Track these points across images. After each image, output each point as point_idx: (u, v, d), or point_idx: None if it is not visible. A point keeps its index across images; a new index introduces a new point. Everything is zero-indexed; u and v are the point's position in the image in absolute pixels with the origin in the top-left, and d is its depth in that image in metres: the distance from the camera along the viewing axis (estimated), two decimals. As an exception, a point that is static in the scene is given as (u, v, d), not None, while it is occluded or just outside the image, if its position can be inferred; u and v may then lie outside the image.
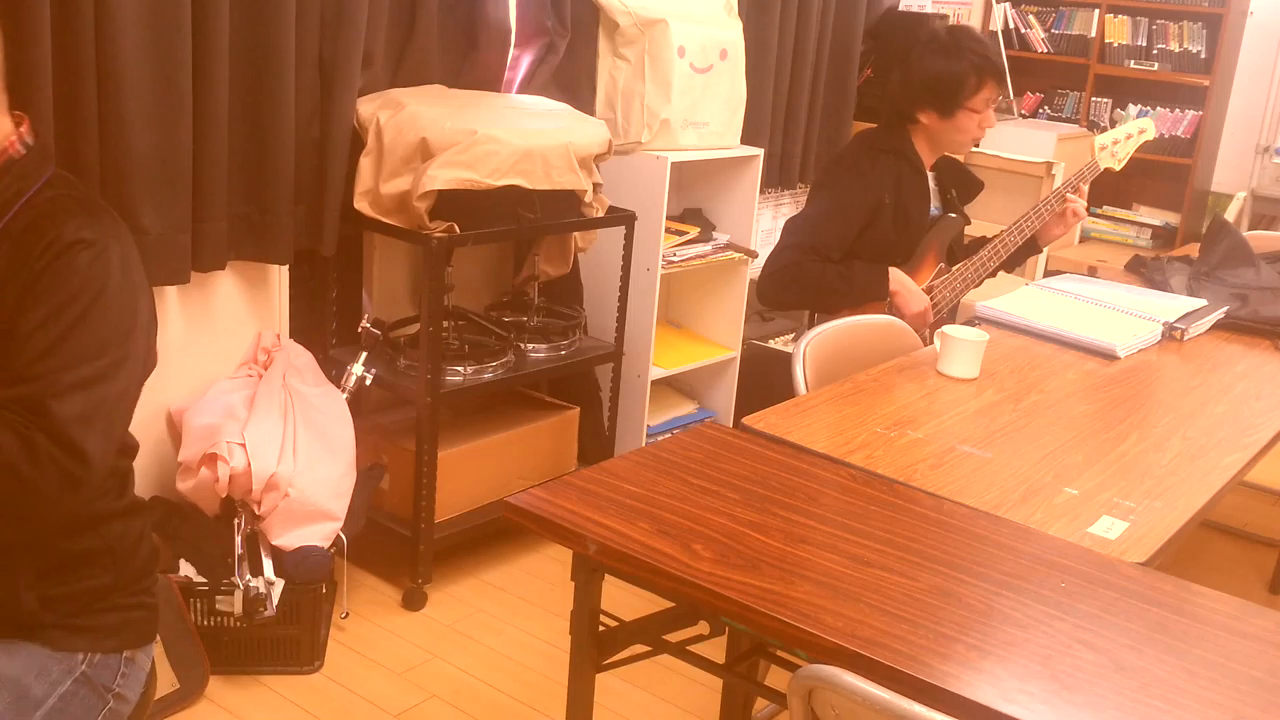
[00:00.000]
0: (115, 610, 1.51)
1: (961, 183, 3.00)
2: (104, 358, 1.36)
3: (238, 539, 2.42)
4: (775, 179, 4.10)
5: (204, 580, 2.39)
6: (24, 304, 1.34)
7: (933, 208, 2.90)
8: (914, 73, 2.75)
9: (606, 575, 1.55)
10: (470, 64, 3.05)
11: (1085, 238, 5.69)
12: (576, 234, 3.12)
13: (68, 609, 1.46)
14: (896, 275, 2.74)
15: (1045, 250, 4.25)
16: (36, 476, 1.31)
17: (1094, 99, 5.57)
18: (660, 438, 2.92)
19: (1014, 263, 3.00)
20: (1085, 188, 2.90)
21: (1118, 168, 2.94)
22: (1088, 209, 2.96)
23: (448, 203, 2.61)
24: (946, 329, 2.30)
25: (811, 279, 2.69)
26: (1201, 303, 2.79)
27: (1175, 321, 2.64)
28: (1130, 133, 2.92)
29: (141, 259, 1.47)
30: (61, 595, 1.44)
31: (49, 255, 1.34)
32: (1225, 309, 2.77)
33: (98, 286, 1.36)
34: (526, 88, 3.19)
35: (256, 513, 2.42)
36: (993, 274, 2.96)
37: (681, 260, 3.39)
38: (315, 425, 2.54)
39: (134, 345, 1.41)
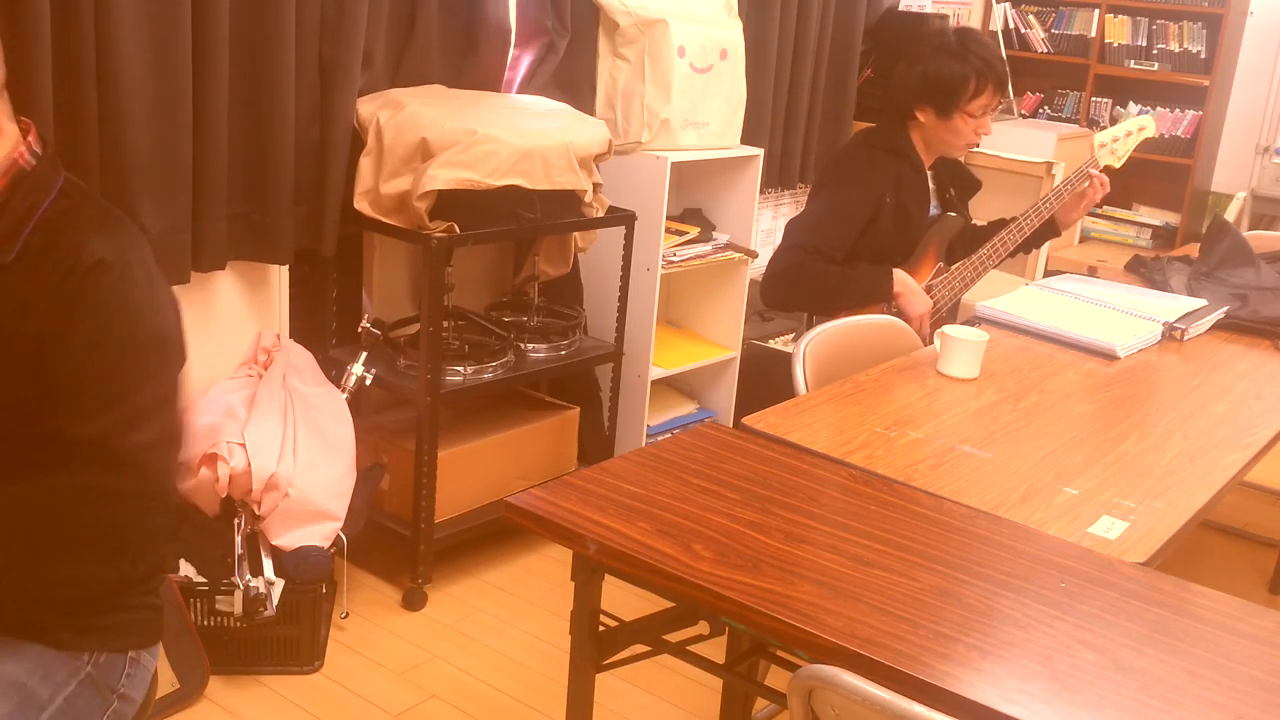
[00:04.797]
0: (122, 610, 1.50)
1: (960, 182, 3.00)
2: (152, 365, 1.39)
3: (238, 539, 2.42)
4: (775, 179, 4.10)
5: (204, 580, 2.39)
6: (60, 333, 1.33)
7: (931, 207, 2.90)
8: (916, 69, 2.76)
9: (606, 575, 1.56)
10: (470, 64, 3.05)
11: (1085, 238, 5.69)
12: (576, 234, 3.12)
13: (74, 609, 1.45)
14: (900, 277, 2.74)
15: (1046, 249, 4.27)
16: (126, 510, 1.37)
17: (1094, 99, 5.57)
18: (660, 438, 2.92)
19: (1031, 244, 2.98)
20: (1099, 175, 2.88)
21: (1117, 165, 2.94)
22: (1101, 201, 2.96)
23: (448, 203, 2.61)
24: (946, 329, 2.30)
25: (815, 280, 2.69)
26: (1201, 303, 2.79)
27: (1175, 321, 2.64)
28: (1130, 130, 2.92)
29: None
30: (68, 596, 1.44)
31: (73, 280, 1.33)
32: (1225, 309, 2.77)
33: (130, 297, 1.37)
34: (526, 88, 3.19)
35: (256, 513, 2.42)
36: (1012, 255, 2.95)
37: (681, 260, 3.39)
38: (315, 425, 2.54)
39: (170, 354, 1.43)
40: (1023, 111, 5.65)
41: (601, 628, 1.61)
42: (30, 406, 1.35)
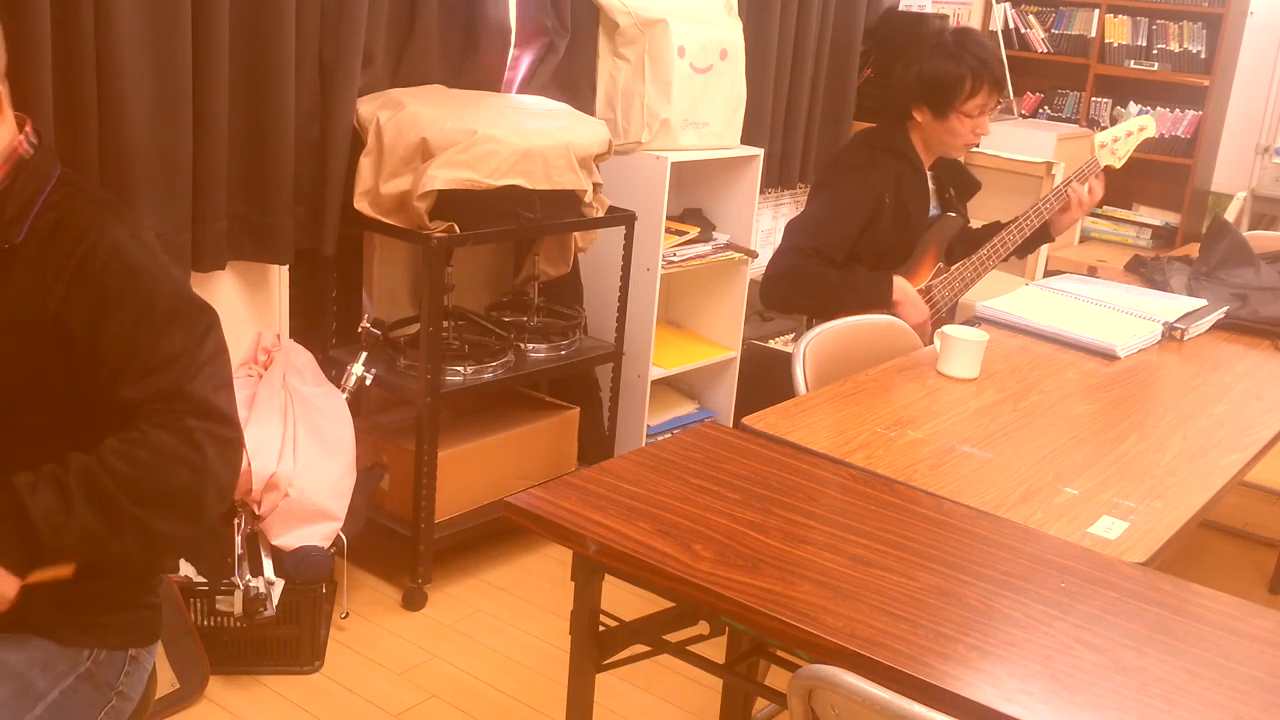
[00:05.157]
0: (123, 609, 1.52)
1: (959, 182, 3.00)
2: (198, 327, 1.44)
3: (238, 539, 2.42)
4: (775, 179, 4.10)
5: (204, 580, 2.39)
6: (99, 320, 1.36)
7: (931, 208, 2.90)
8: (913, 69, 2.76)
9: (606, 575, 1.56)
10: (470, 64, 3.05)
11: (1085, 238, 5.69)
12: (576, 234, 3.12)
13: (77, 607, 1.46)
14: (900, 284, 2.73)
15: (1046, 250, 4.27)
16: (203, 458, 1.38)
17: (1094, 99, 5.57)
18: (660, 438, 2.92)
19: (1026, 250, 2.99)
20: (1095, 182, 2.88)
21: (1118, 165, 2.94)
22: (1100, 202, 2.96)
23: (448, 203, 2.61)
24: (946, 329, 2.30)
25: (814, 283, 2.69)
26: (1201, 303, 2.79)
27: (1175, 321, 2.64)
28: (1130, 130, 2.92)
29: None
30: (72, 595, 1.44)
31: (94, 261, 1.36)
32: (1225, 309, 2.77)
33: (159, 272, 1.41)
34: (526, 88, 3.19)
35: (256, 513, 2.42)
36: (1006, 259, 2.95)
37: (681, 260, 3.39)
38: (315, 425, 2.54)
39: (204, 303, 1.47)
40: (1023, 111, 5.65)
41: (601, 628, 1.61)
42: (76, 380, 1.38)
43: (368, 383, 2.74)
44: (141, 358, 1.38)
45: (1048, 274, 3.93)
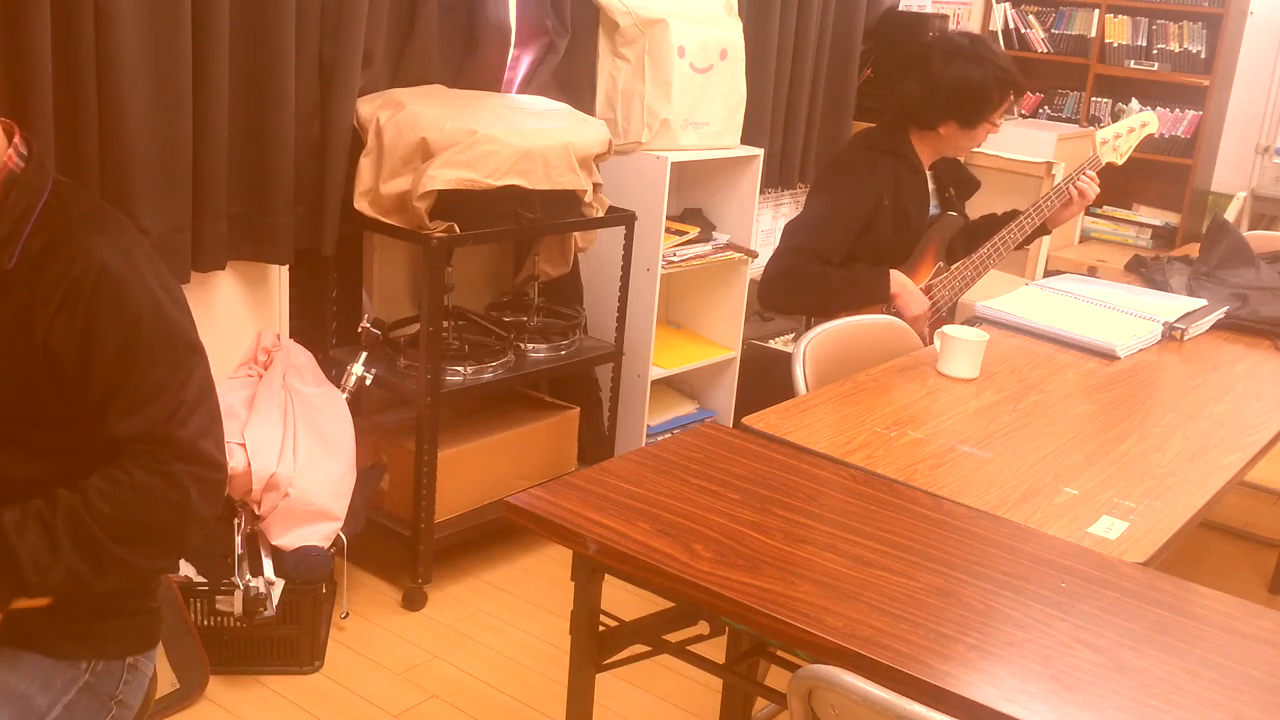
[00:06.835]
0: (119, 616, 1.50)
1: (959, 182, 3.00)
2: (185, 363, 1.41)
3: (238, 539, 2.42)
4: (775, 179, 4.10)
5: (204, 580, 2.39)
6: (85, 347, 1.35)
7: (931, 207, 2.90)
8: (939, 82, 2.73)
9: (606, 575, 1.56)
10: (470, 64, 3.05)
11: (1085, 238, 5.69)
12: (576, 234, 3.12)
13: (72, 616, 1.44)
14: (898, 278, 2.74)
15: (1046, 250, 4.27)
16: (187, 501, 1.39)
17: (1094, 99, 5.57)
18: (660, 438, 2.92)
19: (1025, 242, 2.98)
20: (1093, 174, 2.88)
21: (1120, 162, 2.94)
22: (1099, 201, 2.97)
23: (448, 203, 2.61)
24: (946, 329, 2.30)
25: (813, 282, 2.69)
26: (1201, 303, 2.79)
27: (1175, 321, 2.64)
28: (1132, 126, 2.92)
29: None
30: (66, 603, 1.43)
31: (83, 287, 1.33)
32: (1225, 309, 2.77)
33: (146, 298, 1.38)
34: (526, 88, 3.19)
35: (256, 513, 2.42)
36: (1003, 259, 2.95)
37: (681, 260, 3.39)
38: (315, 425, 2.54)
39: (195, 338, 1.45)
40: (1023, 111, 5.65)
41: (601, 628, 1.61)
42: (67, 403, 1.37)
43: (368, 383, 2.74)
44: (128, 388, 1.36)
45: (1048, 274, 3.94)
